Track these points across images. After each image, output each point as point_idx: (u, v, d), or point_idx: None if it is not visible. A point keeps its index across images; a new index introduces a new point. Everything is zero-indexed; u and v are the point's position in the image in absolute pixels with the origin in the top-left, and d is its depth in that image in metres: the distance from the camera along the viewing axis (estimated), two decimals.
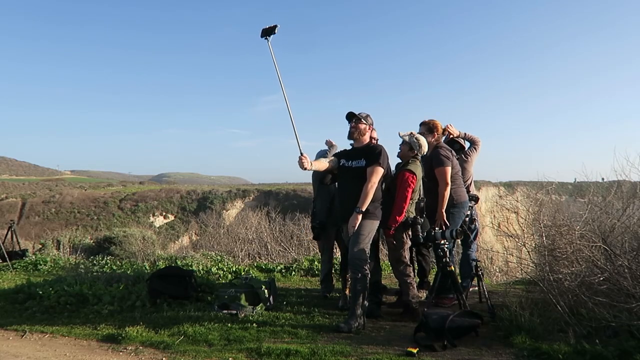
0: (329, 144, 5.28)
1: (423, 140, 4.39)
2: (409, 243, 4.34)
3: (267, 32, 4.18)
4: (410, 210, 4.26)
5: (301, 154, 3.94)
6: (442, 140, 4.90)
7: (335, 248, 5.41)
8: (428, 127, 4.72)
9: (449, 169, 4.50)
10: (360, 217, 3.94)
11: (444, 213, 4.48)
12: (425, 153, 4.47)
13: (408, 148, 4.39)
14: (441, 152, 4.57)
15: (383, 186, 4.39)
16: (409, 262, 4.34)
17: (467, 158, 5.18)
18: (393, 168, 4.65)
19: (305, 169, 3.95)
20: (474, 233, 4.99)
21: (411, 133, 4.42)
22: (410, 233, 4.26)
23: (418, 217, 4.27)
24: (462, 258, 5.05)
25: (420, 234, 4.20)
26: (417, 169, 4.30)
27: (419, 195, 4.38)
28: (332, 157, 4.35)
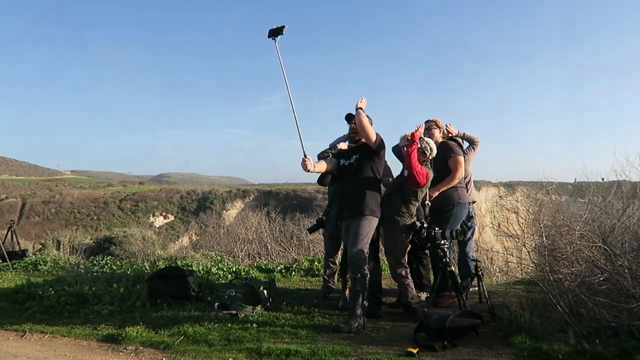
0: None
1: (432, 144, 4.40)
2: (410, 246, 4.37)
3: (275, 33, 4.17)
4: (417, 214, 4.29)
5: (305, 155, 3.95)
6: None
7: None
8: (435, 124, 4.90)
9: (461, 158, 4.69)
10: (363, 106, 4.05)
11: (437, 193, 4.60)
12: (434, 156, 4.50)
13: (420, 153, 4.36)
14: (452, 144, 4.80)
15: (382, 187, 4.40)
16: (407, 264, 4.35)
17: (464, 157, 5.20)
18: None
19: (309, 170, 3.97)
20: (470, 231, 4.99)
21: (420, 138, 4.41)
22: (416, 238, 4.29)
23: (424, 222, 4.27)
24: (460, 257, 5.05)
25: (422, 240, 4.22)
26: (429, 172, 4.31)
27: (426, 200, 4.40)
28: (332, 158, 4.38)
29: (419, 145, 4.32)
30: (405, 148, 4.32)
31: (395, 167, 5.00)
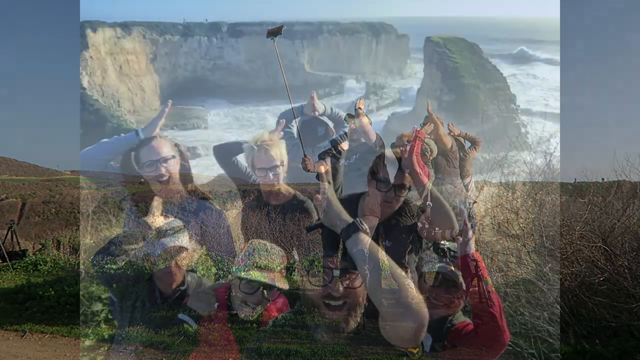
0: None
1: (433, 145, 4.40)
2: (410, 246, 4.36)
3: (273, 33, 4.20)
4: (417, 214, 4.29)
5: (305, 155, 3.96)
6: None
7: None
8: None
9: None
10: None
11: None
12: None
13: (420, 154, 4.35)
14: None
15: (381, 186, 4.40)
16: (407, 264, 4.34)
17: (465, 156, 5.21)
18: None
19: (309, 170, 3.98)
20: (470, 231, 4.99)
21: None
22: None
23: (425, 223, 4.26)
24: (459, 257, 5.04)
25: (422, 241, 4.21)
26: (431, 171, 4.30)
27: (427, 200, 4.40)
28: (332, 158, 4.39)
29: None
30: (404, 147, 4.30)
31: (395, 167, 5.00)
